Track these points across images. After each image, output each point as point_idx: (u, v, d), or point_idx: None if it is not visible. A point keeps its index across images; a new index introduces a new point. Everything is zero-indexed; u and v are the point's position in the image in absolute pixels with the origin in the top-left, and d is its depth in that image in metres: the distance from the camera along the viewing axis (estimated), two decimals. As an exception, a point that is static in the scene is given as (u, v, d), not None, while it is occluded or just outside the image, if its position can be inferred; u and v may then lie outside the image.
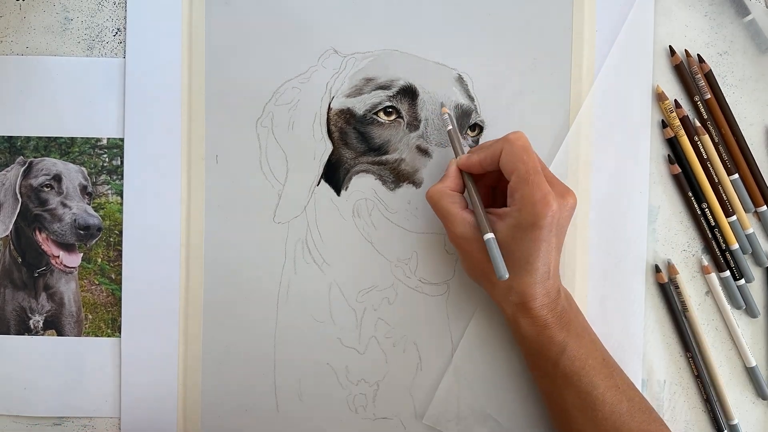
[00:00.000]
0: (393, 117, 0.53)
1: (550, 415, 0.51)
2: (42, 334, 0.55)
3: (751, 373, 0.55)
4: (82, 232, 0.54)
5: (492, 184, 0.51)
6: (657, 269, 0.54)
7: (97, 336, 0.54)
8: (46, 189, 0.54)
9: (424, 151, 0.53)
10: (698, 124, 0.54)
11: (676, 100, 0.55)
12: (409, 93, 0.53)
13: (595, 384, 0.47)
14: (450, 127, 0.51)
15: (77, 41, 0.54)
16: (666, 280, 0.54)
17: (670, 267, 0.54)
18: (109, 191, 0.54)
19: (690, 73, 0.54)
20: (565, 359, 0.47)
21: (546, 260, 0.46)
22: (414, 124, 0.53)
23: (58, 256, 0.54)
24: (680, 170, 0.54)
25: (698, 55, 0.55)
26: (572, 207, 0.47)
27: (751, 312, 0.55)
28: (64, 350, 0.54)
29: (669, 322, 0.55)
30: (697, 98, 0.54)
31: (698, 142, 0.54)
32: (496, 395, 0.54)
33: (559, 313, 0.47)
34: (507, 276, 0.45)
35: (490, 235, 0.46)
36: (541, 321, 0.47)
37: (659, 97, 0.54)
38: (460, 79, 0.54)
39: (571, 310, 0.49)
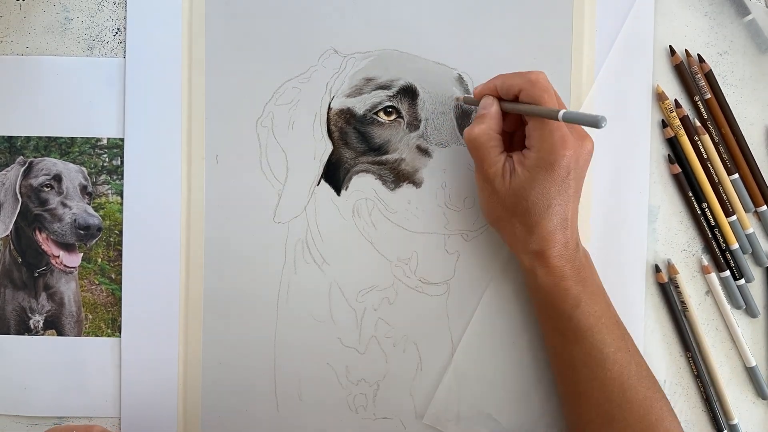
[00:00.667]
0: (393, 117, 0.53)
1: (555, 375, 0.51)
2: (42, 334, 0.55)
3: (751, 373, 0.55)
4: (82, 232, 0.54)
5: (510, 130, 0.51)
6: (657, 269, 0.54)
7: (97, 336, 0.54)
8: (46, 189, 0.54)
9: (424, 151, 0.53)
10: (698, 123, 0.54)
11: (676, 100, 0.55)
12: (409, 93, 0.53)
13: (607, 342, 0.47)
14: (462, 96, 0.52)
15: (77, 41, 0.54)
16: (666, 279, 0.54)
17: (670, 267, 0.54)
18: (109, 191, 0.54)
19: (690, 72, 0.54)
20: (579, 313, 0.47)
21: (564, 204, 0.46)
22: (414, 124, 0.53)
23: (58, 256, 0.54)
24: (680, 170, 0.54)
25: (698, 54, 0.55)
26: (590, 152, 0.47)
27: (751, 312, 0.55)
28: (64, 350, 0.54)
29: (669, 322, 0.55)
30: (697, 98, 0.54)
31: (698, 142, 0.54)
32: (496, 395, 0.54)
33: (577, 267, 0.47)
34: (605, 121, 0.41)
35: (563, 110, 0.43)
36: (558, 271, 0.47)
37: (659, 97, 0.54)
38: (460, 79, 0.54)
39: (588, 268, 0.49)
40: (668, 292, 0.54)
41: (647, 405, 0.47)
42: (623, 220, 0.54)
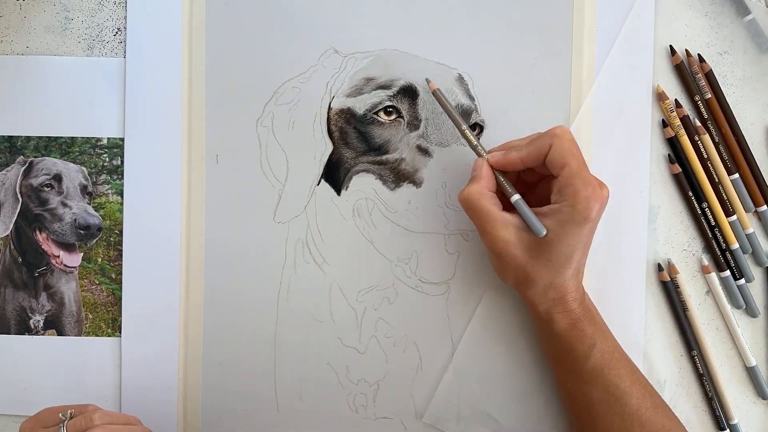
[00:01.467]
0: (393, 117, 0.53)
1: (571, 417, 0.51)
2: (42, 334, 0.55)
3: (751, 373, 0.55)
4: (82, 231, 0.54)
5: (519, 180, 0.51)
6: (660, 268, 0.54)
7: (98, 336, 0.54)
8: (46, 189, 0.54)
9: (424, 151, 0.53)
10: (698, 123, 0.54)
11: (676, 100, 0.55)
12: (409, 92, 0.53)
13: (622, 377, 0.47)
14: (448, 104, 0.50)
15: (77, 41, 0.54)
16: (667, 279, 0.54)
17: (671, 266, 0.54)
18: (110, 191, 0.54)
19: (690, 72, 0.54)
20: (596, 353, 0.47)
21: (584, 254, 0.47)
22: (414, 124, 0.53)
23: (59, 256, 0.54)
24: (680, 170, 0.54)
25: (699, 54, 0.55)
26: (607, 199, 0.47)
27: (751, 312, 0.55)
28: (64, 350, 0.54)
29: (669, 322, 0.55)
30: (697, 98, 0.54)
31: (698, 142, 0.54)
32: (496, 395, 0.54)
33: (586, 307, 0.48)
34: (545, 232, 0.45)
35: (517, 196, 0.46)
36: (574, 315, 0.47)
37: (659, 97, 0.54)
38: (461, 79, 0.54)
39: (592, 306, 0.49)
40: (669, 291, 0.54)
41: None
42: (623, 220, 0.54)
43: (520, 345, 0.54)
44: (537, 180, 0.50)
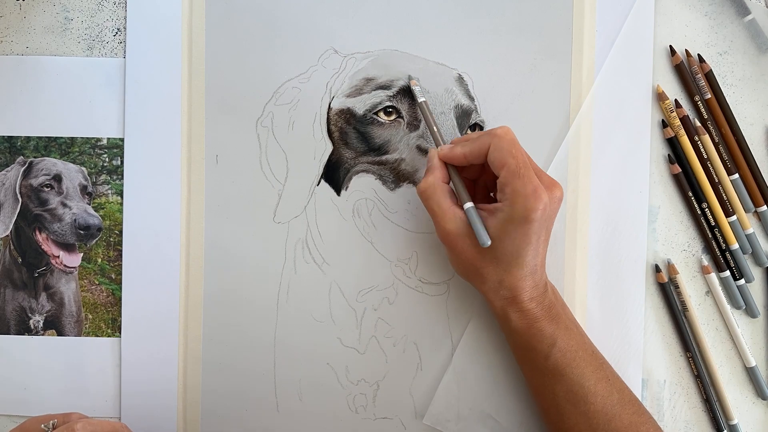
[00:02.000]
0: (393, 117, 0.53)
1: (540, 412, 0.51)
2: (42, 334, 0.55)
3: (750, 373, 0.55)
4: (82, 232, 0.54)
5: (472, 177, 0.51)
6: (657, 269, 0.54)
7: (97, 336, 0.54)
8: (46, 189, 0.54)
9: (424, 151, 0.53)
10: (698, 123, 0.54)
11: (676, 100, 0.55)
12: (409, 93, 0.53)
13: (586, 376, 0.47)
14: (422, 99, 0.51)
15: (77, 41, 0.54)
16: (666, 279, 0.54)
17: (670, 267, 0.54)
18: (110, 191, 0.54)
19: (690, 72, 0.54)
20: (555, 352, 0.47)
21: (535, 253, 0.46)
22: (414, 124, 0.53)
23: (58, 256, 0.54)
24: (680, 170, 0.54)
25: (698, 54, 0.55)
26: (560, 199, 0.47)
27: (750, 312, 0.55)
28: (64, 350, 0.54)
29: (669, 322, 0.55)
30: (697, 98, 0.54)
31: (698, 142, 0.54)
32: (496, 395, 0.54)
33: (547, 306, 0.48)
34: (489, 243, 0.45)
35: (469, 204, 0.46)
36: (530, 314, 0.47)
37: (659, 97, 0.54)
38: (460, 79, 0.54)
39: (558, 304, 0.49)
40: (668, 292, 0.54)
41: (633, 430, 0.47)
42: (623, 220, 0.54)
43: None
44: (495, 179, 0.50)
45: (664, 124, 0.55)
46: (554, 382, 0.48)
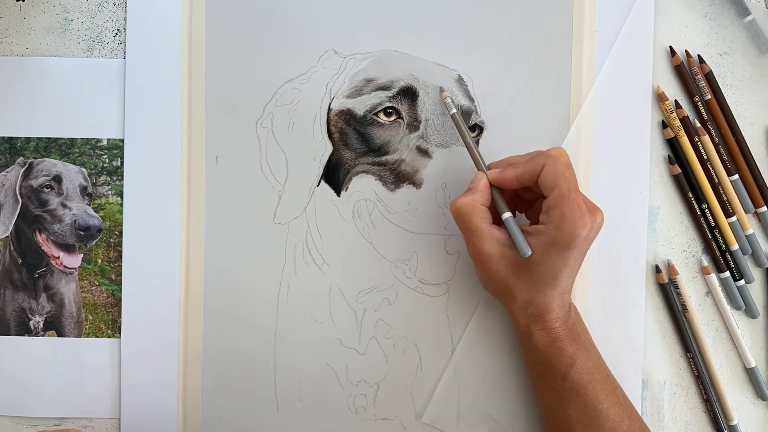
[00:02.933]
0: (393, 118, 0.53)
1: (548, 430, 0.51)
2: (42, 335, 0.55)
3: (750, 374, 0.55)
4: (82, 232, 0.54)
5: (512, 194, 0.51)
6: (657, 269, 0.54)
7: (97, 337, 0.54)
8: (46, 190, 0.54)
9: (424, 152, 0.53)
10: (698, 124, 0.54)
11: (676, 101, 0.55)
12: (409, 93, 0.53)
13: (600, 399, 0.47)
14: (453, 111, 0.51)
15: (77, 42, 0.54)
16: (666, 280, 0.54)
17: (670, 267, 0.54)
18: (109, 192, 0.54)
19: (690, 73, 0.54)
20: (574, 372, 0.47)
21: (570, 276, 0.47)
22: (414, 125, 0.53)
23: (59, 257, 0.54)
24: (680, 171, 0.54)
25: (698, 55, 0.55)
26: (600, 225, 0.47)
27: (750, 313, 0.55)
28: (64, 351, 0.54)
29: (669, 323, 0.55)
30: (697, 99, 0.54)
31: (698, 143, 0.54)
32: (495, 395, 0.54)
33: (570, 327, 0.48)
34: (530, 252, 0.45)
35: (508, 214, 0.46)
36: (554, 333, 0.47)
37: (659, 98, 0.54)
38: (460, 80, 0.54)
39: (579, 324, 0.49)
40: (668, 292, 0.54)
41: None
42: (623, 220, 0.54)
43: (520, 346, 0.54)
44: (535, 199, 0.50)
45: (664, 125, 0.55)
46: (568, 403, 0.48)
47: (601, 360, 0.49)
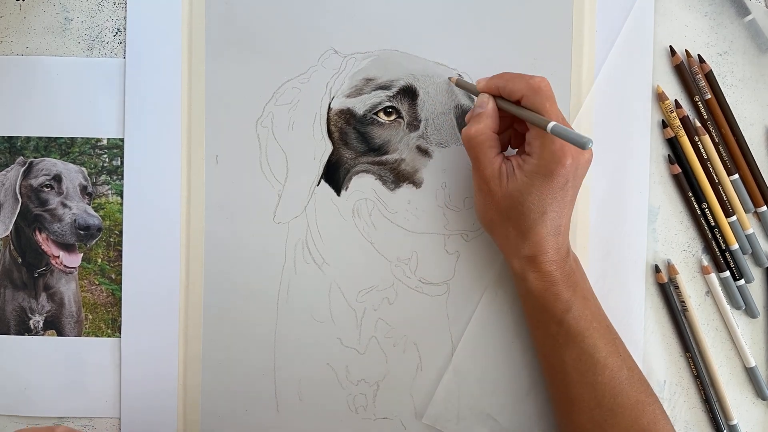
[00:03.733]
0: (393, 117, 0.53)
1: (546, 380, 0.51)
2: (42, 335, 0.55)
3: (750, 374, 0.55)
4: (82, 232, 0.54)
5: (501, 131, 0.50)
6: (657, 269, 0.54)
7: (97, 336, 0.54)
8: (46, 189, 0.54)
9: (424, 151, 0.53)
10: (698, 124, 0.54)
11: (676, 100, 0.55)
12: (409, 93, 0.53)
13: (598, 347, 0.47)
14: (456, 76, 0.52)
15: (77, 41, 0.54)
16: (666, 280, 0.54)
17: (670, 267, 0.54)
18: (109, 191, 0.54)
19: (690, 73, 0.54)
20: (570, 318, 0.47)
21: (559, 212, 0.46)
22: (414, 124, 0.53)
23: (58, 257, 0.54)
24: (680, 170, 0.54)
25: (698, 55, 0.55)
26: (588, 161, 0.47)
27: (750, 312, 0.55)
28: (64, 350, 0.54)
29: (669, 323, 0.55)
30: (697, 98, 0.54)
31: (698, 143, 0.54)
32: (495, 395, 0.54)
33: (567, 272, 0.48)
34: (591, 144, 0.41)
35: (553, 123, 0.44)
36: (549, 276, 0.47)
37: (659, 97, 0.54)
38: (461, 80, 0.54)
39: (578, 272, 0.49)
40: (668, 292, 0.54)
41: (639, 409, 0.47)
42: (623, 220, 0.54)
43: (520, 345, 0.54)
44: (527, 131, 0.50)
45: (664, 125, 0.55)
46: (564, 349, 0.47)
47: (602, 311, 0.49)
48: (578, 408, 0.47)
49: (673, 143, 0.54)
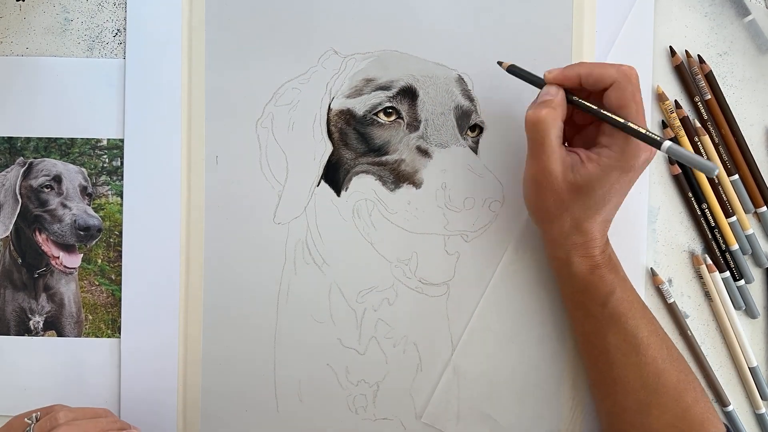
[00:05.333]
0: (393, 118, 0.53)
1: (587, 361, 0.51)
2: (42, 335, 0.55)
3: (752, 374, 0.55)
4: (82, 232, 0.54)
5: (570, 121, 0.50)
6: (653, 272, 0.54)
7: (97, 337, 0.54)
8: (46, 190, 0.54)
9: (424, 152, 0.53)
10: (698, 124, 0.54)
11: (676, 101, 0.55)
12: (409, 93, 0.53)
13: (641, 327, 0.47)
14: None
15: (77, 42, 0.54)
16: (665, 280, 0.54)
17: (670, 267, 0.54)
18: (109, 192, 0.54)
19: (690, 73, 0.54)
20: (614, 300, 0.47)
21: (619, 202, 0.47)
22: (414, 125, 0.53)
23: (58, 257, 0.54)
24: (680, 171, 0.54)
25: (698, 55, 0.55)
26: (654, 154, 0.47)
27: (750, 313, 0.55)
28: (64, 351, 0.54)
29: (669, 323, 0.55)
30: (697, 99, 0.54)
31: (698, 143, 0.54)
32: (495, 395, 0.54)
33: (608, 256, 0.48)
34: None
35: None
36: (594, 261, 0.47)
37: (659, 98, 0.54)
38: (460, 80, 0.54)
39: (615, 256, 0.49)
40: (668, 292, 0.54)
41: (682, 388, 0.47)
42: (623, 220, 0.54)
43: (520, 345, 0.54)
44: (587, 123, 0.49)
45: (664, 125, 0.55)
46: (608, 330, 0.48)
47: (636, 292, 0.49)
48: (622, 389, 0.48)
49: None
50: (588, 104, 0.47)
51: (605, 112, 0.46)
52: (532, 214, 0.50)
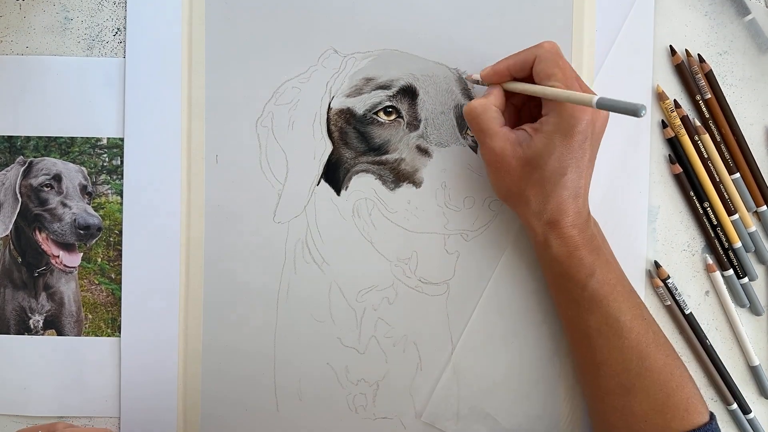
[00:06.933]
0: (393, 117, 0.53)
1: (571, 346, 0.51)
2: (42, 334, 0.55)
3: (754, 372, 0.55)
4: (82, 231, 0.54)
5: (518, 105, 0.51)
6: (657, 268, 0.54)
7: (97, 336, 0.54)
8: (46, 189, 0.54)
9: (424, 151, 0.53)
10: (699, 123, 0.54)
11: (676, 100, 0.55)
12: (409, 93, 0.53)
13: (623, 311, 0.47)
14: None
15: (77, 41, 0.54)
16: (666, 279, 0.54)
17: (670, 267, 0.54)
18: (109, 191, 0.54)
19: (690, 72, 0.54)
20: (593, 282, 0.47)
21: (578, 172, 0.46)
22: (414, 124, 0.53)
23: (58, 256, 0.54)
24: (681, 170, 0.54)
25: (699, 54, 0.55)
26: (605, 119, 0.47)
27: (755, 310, 0.55)
28: (64, 350, 0.54)
29: (669, 322, 0.55)
30: (697, 98, 0.54)
31: (699, 142, 0.54)
32: (495, 394, 0.54)
33: (588, 237, 0.47)
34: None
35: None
36: (571, 241, 0.47)
37: (660, 97, 0.54)
38: (460, 79, 0.54)
39: (600, 237, 0.49)
40: (668, 291, 0.54)
41: (667, 372, 0.47)
42: (623, 220, 0.54)
43: (519, 344, 0.54)
44: (535, 105, 0.50)
45: (664, 124, 0.54)
46: (589, 314, 0.47)
47: (624, 275, 0.49)
48: (605, 372, 0.47)
49: (673, 143, 0.54)
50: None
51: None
52: (500, 198, 0.51)
